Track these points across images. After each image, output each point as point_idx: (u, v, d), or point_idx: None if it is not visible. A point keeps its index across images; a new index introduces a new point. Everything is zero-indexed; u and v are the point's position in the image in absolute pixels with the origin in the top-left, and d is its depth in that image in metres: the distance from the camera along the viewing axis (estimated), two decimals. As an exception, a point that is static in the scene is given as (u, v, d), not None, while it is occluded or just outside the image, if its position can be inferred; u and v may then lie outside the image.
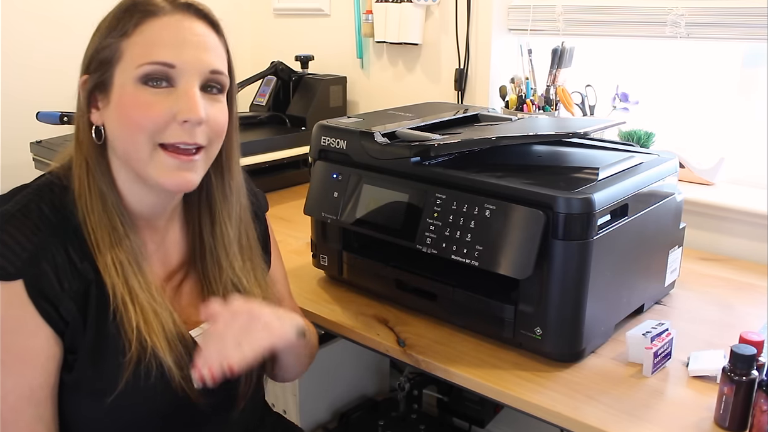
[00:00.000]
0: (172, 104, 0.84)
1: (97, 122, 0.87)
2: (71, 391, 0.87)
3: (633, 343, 1.08)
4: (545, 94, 1.74)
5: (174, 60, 0.83)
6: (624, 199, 1.07)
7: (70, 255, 0.85)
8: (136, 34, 0.84)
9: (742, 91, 1.65)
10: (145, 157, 0.85)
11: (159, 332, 0.87)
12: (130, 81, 0.84)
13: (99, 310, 0.86)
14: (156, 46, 0.83)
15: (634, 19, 1.65)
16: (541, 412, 0.98)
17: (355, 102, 2.26)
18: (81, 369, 0.86)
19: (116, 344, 0.86)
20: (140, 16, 0.84)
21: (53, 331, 0.84)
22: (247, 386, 0.98)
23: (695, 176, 1.63)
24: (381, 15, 2.05)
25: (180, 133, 0.85)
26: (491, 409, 1.90)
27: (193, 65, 0.85)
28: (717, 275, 1.43)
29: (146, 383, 0.86)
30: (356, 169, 1.23)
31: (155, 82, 0.84)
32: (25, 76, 2.02)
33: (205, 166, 0.90)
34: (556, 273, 1.02)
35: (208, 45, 0.87)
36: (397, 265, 1.24)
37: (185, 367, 0.88)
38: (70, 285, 0.84)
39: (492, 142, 1.13)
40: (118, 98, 0.85)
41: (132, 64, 0.83)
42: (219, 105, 0.89)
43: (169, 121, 0.84)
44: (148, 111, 0.83)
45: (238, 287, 0.98)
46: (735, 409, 0.91)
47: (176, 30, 0.85)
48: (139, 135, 0.84)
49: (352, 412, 1.84)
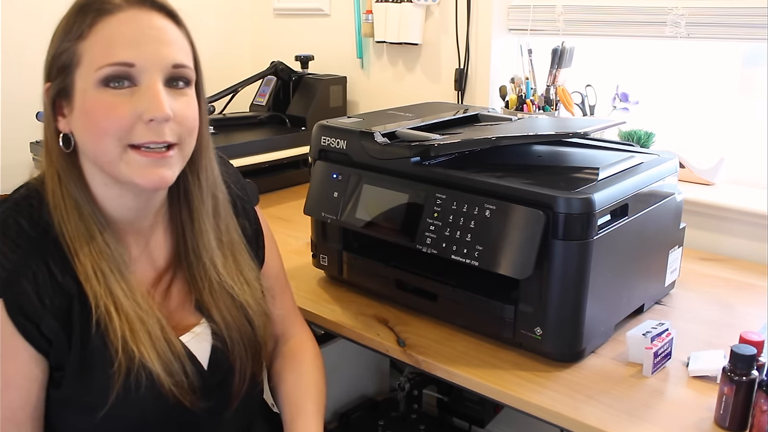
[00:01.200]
0: (137, 104, 0.81)
1: (64, 130, 0.85)
2: (61, 406, 0.86)
3: (633, 343, 1.08)
4: (545, 94, 1.74)
5: (133, 58, 0.80)
6: (624, 199, 1.07)
7: (51, 269, 0.83)
8: (92, 35, 0.81)
9: (742, 91, 1.65)
10: (115, 159, 0.82)
11: (146, 341, 0.85)
12: (91, 85, 0.81)
13: (83, 324, 0.84)
14: (113, 45, 0.80)
15: (634, 19, 1.65)
16: (541, 412, 0.98)
17: (355, 102, 2.26)
18: (69, 385, 0.84)
19: (103, 356, 0.84)
20: (94, 15, 0.81)
21: (35, 351, 0.82)
22: (240, 384, 0.96)
23: (695, 176, 1.63)
24: (381, 15, 2.05)
25: (147, 133, 0.82)
26: (491, 409, 1.90)
27: (154, 61, 0.81)
28: (717, 275, 1.43)
29: (137, 394, 0.85)
30: (356, 169, 1.23)
31: (117, 83, 0.80)
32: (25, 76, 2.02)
33: (181, 163, 0.87)
34: (556, 273, 1.02)
35: (169, 38, 0.83)
36: (397, 265, 1.24)
37: (176, 373, 0.87)
38: (51, 301, 0.82)
39: (492, 142, 1.13)
40: (81, 103, 0.82)
41: (91, 67, 0.80)
42: (186, 99, 0.85)
43: (135, 121, 0.81)
44: (112, 114, 0.80)
45: (224, 285, 0.95)
46: (735, 409, 0.91)
47: (133, 26, 0.81)
48: (106, 139, 0.81)
49: (352, 412, 1.84)
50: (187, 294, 0.96)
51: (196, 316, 0.95)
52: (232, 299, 0.96)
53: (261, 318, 0.99)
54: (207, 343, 0.95)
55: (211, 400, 0.93)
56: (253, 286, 0.99)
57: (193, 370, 0.90)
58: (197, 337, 0.94)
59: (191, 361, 0.91)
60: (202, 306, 0.95)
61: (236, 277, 0.97)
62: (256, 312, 0.98)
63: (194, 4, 2.33)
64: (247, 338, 0.97)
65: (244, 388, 0.97)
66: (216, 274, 0.95)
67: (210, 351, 0.95)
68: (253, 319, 0.97)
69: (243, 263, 0.99)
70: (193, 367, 0.91)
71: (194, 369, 0.91)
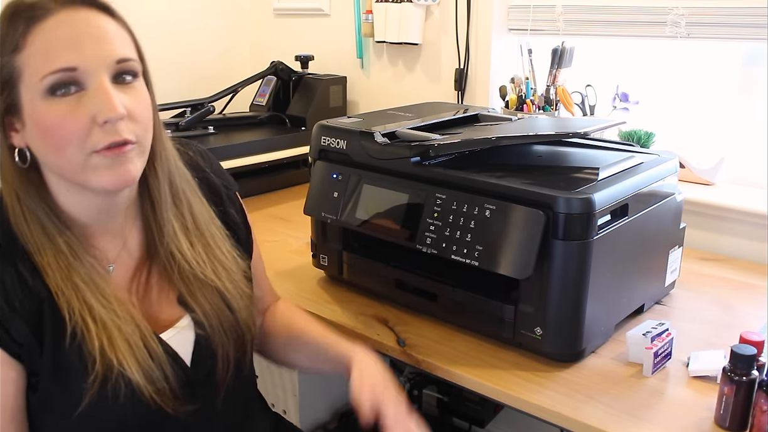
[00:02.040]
0: (88, 107, 0.78)
1: (20, 144, 0.82)
2: (39, 411, 0.85)
3: (633, 343, 1.08)
4: (545, 94, 1.74)
5: (74, 62, 0.77)
6: (624, 199, 1.07)
7: (21, 273, 0.81)
8: (28, 45, 0.77)
9: (742, 91, 1.65)
10: (79, 167, 0.80)
11: (125, 350, 0.83)
12: (37, 96, 0.78)
13: (55, 329, 0.82)
14: (51, 52, 0.77)
15: (634, 19, 1.65)
16: (541, 412, 0.98)
17: (355, 102, 2.26)
18: (45, 390, 0.84)
19: (79, 366, 0.82)
20: (26, 24, 0.77)
21: (7, 355, 0.81)
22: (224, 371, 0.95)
23: (695, 176, 1.63)
24: (381, 15, 2.05)
25: (105, 135, 0.79)
26: (491, 409, 1.90)
27: (97, 61, 0.78)
28: (717, 275, 1.43)
29: (115, 403, 0.84)
30: (356, 169, 1.23)
31: (63, 90, 0.78)
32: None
33: (142, 157, 0.85)
34: (556, 273, 1.02)
35: (108, 34, 0.80)
36: (397, 265, 1.24)
37: (157, 381, 0.85)
38: (21, 305, 0.81)
39: (492, 142, 1.13)
40: (32, 117, 0.79)
41: (33, 78, 0.77)
42: (135, 92, 0.83)
43: (91, 125, 0.79)
44: (66, 123, 0.78)
45: (196, 273, 0.93)
46: (735, 409, 0.91)
47: (67, 29, 0.78)
48: (66, 150, 0.79)
49: (352, 412, 1.83)
50: (166, 285, 0.94)
51: (179, 307, 0.94)
52: (207, 285, 0.94)
53: (241, 301, 0.97)
54: (191, 335, 0.93)
55: (195, 402, 0.91)
56: (229, 269, 0.97)
57: (175, 373, 0.88)
58: (181, 332, 0.93)
59: (174, 361, 0.90)
60: (181, 296, 0.94)
61: (208, 263, 0.95)
62: (235, 295, 0.96)
63: (194, 4, 2.33)
64: (227, 323, 0.95)
65: (228, 375, 0.95)
66: (185, 262, 0.93)
67: (193, 343, 0.93)
68: (232, 303, 0.96)
69: (215, 248, 0.97)
70: (177, 368, 0.89)
71: (178, 370, 0.89)
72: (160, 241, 0.93)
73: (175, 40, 2.27)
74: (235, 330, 0.96)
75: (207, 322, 0.93)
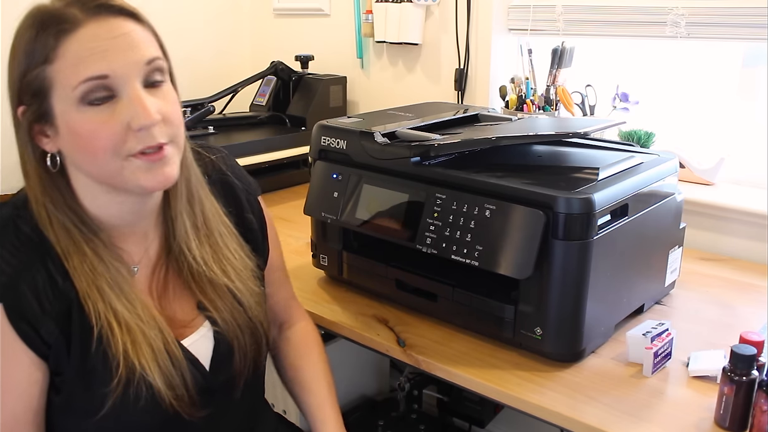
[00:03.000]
0: (123, 115, 0.80)
1: (52, 150, 0.84)
2: (61, 411, 0.86)
3: (633, 343, 1.08)
4: (545, 94, 1.74)
5: (105, 70, 0.79)
6: (624, 199, 1.07)
7: (51, 274, 0.82)
8: (58, 57, 0.78)
9: (742, 91, 1.65)
10: (116, 171, 0.82)
11: (148, 354, 0.85)
12: (71, 106, 0.79)
13: (83, 331, 0.84)
14: (82, 62, 0.78)
15: (634, 19, 1.65)
16: (541, 412, 0.98)
17: (355, 102, 2.26)
18: (69, 391, 0.85)
19: (104, 369, 0.84)
20: (55, 37, 0.78)
21: (35, 355, 0.82)
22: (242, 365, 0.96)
23: (695, 176, 1.63)
24: (381, 15, 2.05)
25: (140, 141, 0.81)
26: (491, 409, 1.90)
27: (127, 68, 0.80)
28: (717, 275, 1.43)
29: (135, 406, 0.85)
30: (356, 169, 1.23)
31: (96, 99, 0.79)
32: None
33: (178, 156, 0.86)
34: (556, 273, 1.02)
35: (135, 39, 0.82)
36: (397, 265, 1.24)
37: (177, 387, 0.87)
38: (51, 306, 0.82)
39: (492, 142, 1.13)
40: (66, 126, 0.80)
41: (66, 89, 0.79)
42: (165, 94, 0.84)
43: (125, 132, 0.80)
44: (101, 131, 0.79)
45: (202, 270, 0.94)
46: (735, 409, 0.91)
47: (97, 38, 0.79)
48: (102, 157, 0.80)
49: (352, 412, 1.84)
50: (181, 284, 0.95)
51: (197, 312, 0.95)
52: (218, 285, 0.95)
53: (251, 298, 0.98)
54: (210, 337, 0.95)
55: (210, 406, 0.93)
56: (237, 268, 0.98)
57: (194, 379, 0.90)
58: (200, 337, 0.94)
59: (194, 367, 0.91)
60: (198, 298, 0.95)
61: (216, 261, 0.96)
62: (245, 293, 0.97)
63: (194, 4, 2.33)
64: (242, 322, 0.96)
65: (247, 373, 0.97)
66: (194, 260, 0.94)
67: (212, 346, 0.94)
68: (243, 301, 0.97)
69: (223, 246, 0.97)
70: (197, 373, 0.91)
71: (197, 375, 0.91)
72: (173, 237, 0.94)
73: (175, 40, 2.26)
74: (250, 328, 0.98)
75: (224, 323, 0.95)
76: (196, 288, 0.94)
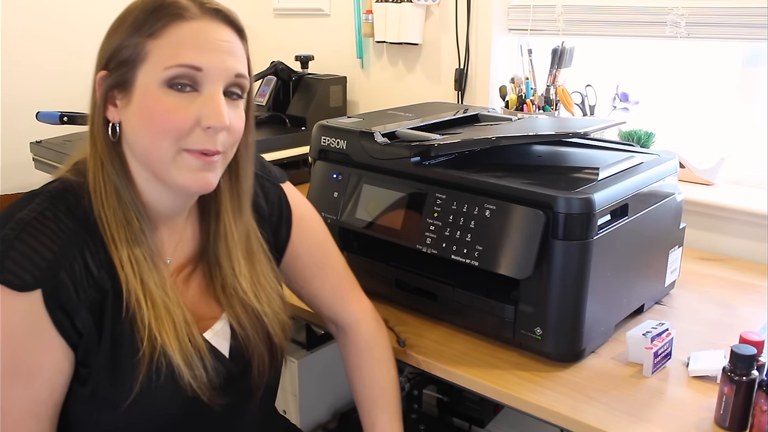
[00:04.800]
0: (198, 109, 0.83)
1: (114, 119, 0.86)
2: (84, 403, 0.87)
3: (633, 343, 1.08)
4: (545, 94, 1.74)
5: (201, 63, 0.82)
6: (624, 199, 1.07)
7: (88, 264, 0.84)
8: (164, 36, 0.82)
9: (741, 91, 1.65)
10: (168, 160, 0.84)
11: (170, 330, 0.86)
12: (154, 83, 0.82)
13: (114, 315, 0.85)
14: (183, 48, 0.82)
15: (634, 19, 1.65)
16: (541, 412, 0.98)
17: (355, 102, 2.26)
18: (96, 380, 0.85)
19: (130, 343, 0.85)
20: (168, 18, 0.83)
21: (66, 344, 0.83)
22: (260, 378, 0.97)
23: (695, 176, 1.63)
24: (381, 15, 2.05)
25: (203, 140, 0.84)
26: (491, 409, 1.90)
27: (219, 69, 0.84)
28: (717, 275, 1.43)
29: (156, 383, 0.86)
30: (356, 169, 1.23)
31: (180, 86, 0.83)
32: (25, 76, 2.02)
33: (222, 168, 0.90)
34: (556, 273, 1.02)
35: (234, 50, 0.86)
36: (397, 265, 1.24)
37: (195, 367, 0.88)
38: (86, 295, 0.83)
39: (492, 142, 1.13)
40: (140, 99, 0.83)
41: (158, 65, 0.82)
42: (238, 111, 0.88)
43: (194, 126, 0.83)
44: (172, 116, 0.82)
45: (238, 291, 0.96)
46: (735, 409, 0.91)
47: (204, 34, 0.84)
48: (162, 139, 0.83)
49: (352, 412, 1.84)
50: (206, 289, 0.97)
51: (216, 310, 0.97)
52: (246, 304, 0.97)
53: (277, 326, 0.99)
54: (227, 338, 0.96)
55: (230, 395, 0.94)
56: (269, 295, 1.00)
57: (212, 364, 0.91)
58: (218, 333, 0.95)
59: (212, 354, 0.92)
60: (220, 303, 0.97)
61: (250, 284, 0.98)
62: (272, 320, 0.98)
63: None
64: (262, 337, 0.97)
65: (264, 380, 0.98)
66: (231, 277, 0.96)
67: (230, 346, 0.96)
68: (268, 326, 0.98)
69: (260, 273, 1.00)
70: (215, 360, 0.92)
71: (215, 361, 0.92)
72: (214, 251, 0.96)
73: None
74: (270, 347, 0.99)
75: (242, 333, 0.96)
76: (224, 300, 0.96)
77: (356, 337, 1.10)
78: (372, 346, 1.10)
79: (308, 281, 1.10)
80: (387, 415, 1.06)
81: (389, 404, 1.07)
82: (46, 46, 2.04)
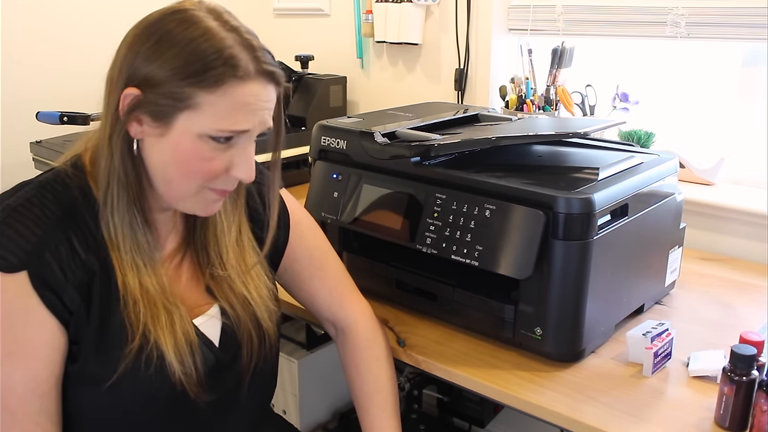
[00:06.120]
0: (230, 159, 0.86)
1: (136, 135, 0.86)
2: (74, 381, 0.88)
3: (633, 343, 1.08)
4: (545, 94, 1.74)
5: (249, 126, 0.85)
6: (624, 199, 1.07)
7: (74, 247, 0.85)
8: (219, 93, 0.82)
9: (742, 91, 1.65)
10: (188, 194, 0.88)
11: (165, 327, 0.89)
12: (197, 131, 0.83)
13: (103, 300, 0.87)
14: (238, 114, 0.84)
15: (634, 19, 1.65)
16: (541, 412, 0.98)
17: (355, 102, 2.26)
18: (84, 359, 0.87)
19: (120, 335, 0.87)
20: (224, 71, 0.81)
21: (58, 322, 0.85)
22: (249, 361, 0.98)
23: (695, 176, 1.63)
24: (381, 15, 2.05)
25: (227, 183, 0.89)
26: (491, 409, 1.90)
27: (259, 128, 0.87)
28: (717, 275, 1.43)
29: (145, 373, 0.87)
30: (356, 169, 1.23)
31: (220, 139, 0.85)
32: (25, 75, 2.02)
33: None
34: (556, 273, 1.02)
35: (273, 107, 0.89)
36: (397, 265, 1.24)
37: (186, 364, 0.89)
38: (73, 275, 0.85)
39: (492, 142, 1.13)
40: (177, 140, 0.84)
41: (208, 123, 0.83)
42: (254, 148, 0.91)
43: (223, 173, 0.87)
44: (207, 164, 0.85)
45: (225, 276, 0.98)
46: (735, 409, 0.91)
47: (255, 98, 0.85)
48: (191, 180, 0.86)
49: (352, 412, 1.84)
50: (194, 275, 0.99)
51: (206, 297, 0.98)
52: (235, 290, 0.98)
53: (265, 312, 1.00)
54: (218, 322, 0.97)
55: (218, 388, 0.94)
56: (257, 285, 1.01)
57: (203, 357, 0.92)
58: (210, 319, 0.96)
59: (203, 344, 0.93)
60: (210, 289, 0.98)
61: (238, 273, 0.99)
62: (260, 305, 1.00)
63: (194, 4, 2.33)
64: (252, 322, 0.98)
65: (252, 365, 0.99)
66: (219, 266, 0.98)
67: (220, 331, 0.97)
68: (256, 310, 0.99)
69: (249, 263, 1.01)
70: (207, 351, 0.94)
71: (207, 352, 0.93)
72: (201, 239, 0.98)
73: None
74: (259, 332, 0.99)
75: (233, 313, 0.97)
76: (213, 285, 0.98)
77: (354, 337, 1.10)
78: (370, 345, 1.10)
79: (307, 282, 1.11)
80: (385, 413, 1.06)
81: (387, 402, 1.07)
82: (46, 46, 2.04)
